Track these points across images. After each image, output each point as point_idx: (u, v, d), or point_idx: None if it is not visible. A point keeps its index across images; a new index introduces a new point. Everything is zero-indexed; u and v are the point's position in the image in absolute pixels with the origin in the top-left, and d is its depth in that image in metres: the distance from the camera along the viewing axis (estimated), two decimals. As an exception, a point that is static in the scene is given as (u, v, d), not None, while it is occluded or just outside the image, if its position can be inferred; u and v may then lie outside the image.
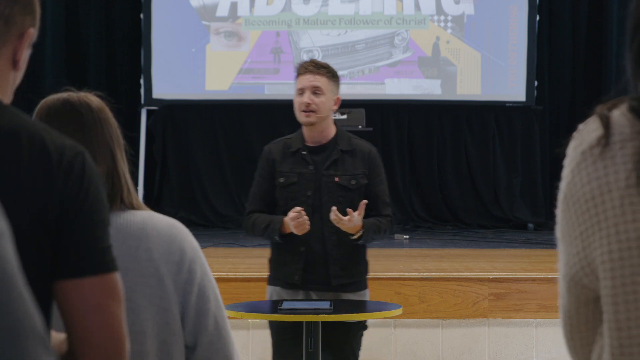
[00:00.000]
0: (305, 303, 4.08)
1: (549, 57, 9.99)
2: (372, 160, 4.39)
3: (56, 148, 1.56)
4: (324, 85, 4.39)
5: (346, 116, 8.94)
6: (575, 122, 5.65)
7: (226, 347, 2.23)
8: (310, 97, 4.38)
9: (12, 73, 1.64)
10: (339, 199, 4.30)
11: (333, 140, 4.41)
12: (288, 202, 4.31)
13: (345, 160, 4.36)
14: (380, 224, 4.30)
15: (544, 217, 9.70)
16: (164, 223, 2.18)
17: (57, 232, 1.55)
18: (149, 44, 9.68)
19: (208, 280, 2.22)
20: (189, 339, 2.20)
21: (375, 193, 4.35)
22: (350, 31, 9.74)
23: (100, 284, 1.58)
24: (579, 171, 1.38)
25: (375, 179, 4.37)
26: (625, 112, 1.37)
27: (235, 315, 4.09)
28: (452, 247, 8.04)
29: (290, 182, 4.35)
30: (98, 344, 1.57)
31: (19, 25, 1.62)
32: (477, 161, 9.89)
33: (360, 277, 4.41)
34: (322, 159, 4.37)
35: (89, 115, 2.13)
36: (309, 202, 4.32)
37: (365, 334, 4.50)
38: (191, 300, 2.18)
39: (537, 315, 5.97)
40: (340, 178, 4.33)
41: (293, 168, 4.36)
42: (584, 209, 1.36)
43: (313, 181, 4.34)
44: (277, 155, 4.40)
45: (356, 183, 4.33)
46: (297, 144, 4.41)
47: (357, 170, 4.36)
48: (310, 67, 4.43)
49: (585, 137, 1.40)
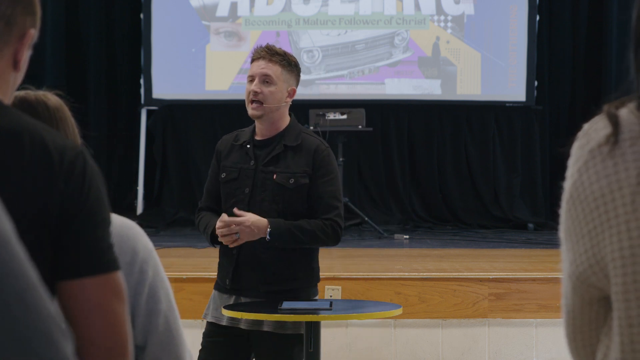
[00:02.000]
0: (305, 303, 4.08)
1: (549, 57, 10.00)
2: (318, 158, 3.95)
3: (57, 148, 1.56)
4: (275, 74, 4.00)
5: (346, 116, 8.95)
6: (576, 122, 5.69)
7: (177, 348, 2.25)
8: (259, 86, 3.97)
9: (12, 74, 1.65)
10: (276, 198, 3.93)
11: (280, 133, 4.00)
12: (228, 199, 3.98)
13: (288, 156, 3.96)
14: (308, 226, 3.88)
15: (544, 217, 9.70)
16: (117, 223, 2.18)
17: (59, 233, 1.56)
18: (149, 44, 9.69)
19: (160, 281, 2.24)
20: (139, 338, 2.22)
21: (318, 194, 3.92)
22: (350, 31, 9.75)
23: (102, 283, 1.58)
24: (587, 169, 1.38)
25: (321, 179, 3.93)
26: (634, 110, 1.37)
27: (235, 315, 4.09)
28: (452, 247, 8.04)
29: (230, 177, 4.00)
30: (101, 343, 1.58)
31: (20, 26, 1.63)
32: (477, 161, 9.90)
33: (301, 286, 4.02)
34: (263, 154, 3.98)
35: (45, 114, 2.12)
36: (246, 200, 3.95)
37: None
38: (141, 301, 2.20)
39: (537, 315, 5.97)
40: (278, 175, 3.93)
41: (236, 163, 4.00)
42: (593, 206, 1.36)
43: (252, 178, 3.96)
44: (225, 149, 4.06)
45: (294, 182, 3.92)
46: (246, 137, 4.04)
47: (298, 168, 3.94)
48: (263, 53, 4.08)
49: (593, 135, 1.40)
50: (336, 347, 5.87)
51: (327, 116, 8.88)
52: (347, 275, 6.02)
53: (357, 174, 9.91)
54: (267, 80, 4.00)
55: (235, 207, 3.90)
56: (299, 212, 3.93)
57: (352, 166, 9.75)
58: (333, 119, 8.89)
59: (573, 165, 1.41)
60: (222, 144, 4.10)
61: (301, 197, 3.93)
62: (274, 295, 3.96)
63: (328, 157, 3.99)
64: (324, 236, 3.91)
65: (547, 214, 9.75)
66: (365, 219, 8.99)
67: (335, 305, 4.14)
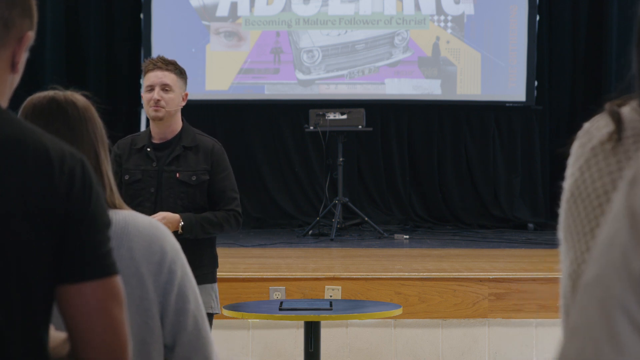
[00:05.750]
0: (305, 303, 4.08)
1: (549, 57, 10.00)
2: (215, 156, 4.44)
3: (57, 155, 1.57)
4: (172, 82, 4.44)
5: (346, 116, 8.95)
6: (576, 122, 5.68)
7: (205, 347, 2.25)
8: (159, 94, 4.42)
9: (10, 76, 1.65)
10: (180, 194, 4.37)
11: (177, 136, 4.48)
12: (133, 199, 4.35)
13: (188, 156, 4.43)
14: (213, 217, 4.35)
15: (544, 217, 9.70)
16: (146, 223, 2.20)
17: (60, 238, 1.57)
18: (149, 44, 9.69)
19: (188, 281, 2.24)
20: (168, 338, 2.21)
21: (219, 188, 4.41)
22: (350, 31, 9.75)
23: (102, 287, 1.59)
24: (589, 167, 1.37)
25: (219, 175, 4.42)
26: (636, 108, 1.37)
27: (235, 315, 4.09)
28: (452, 247, 8.04)
29: (135, 179, 4.41)
30: (101, 347, 1.59)
31: (18, 28, 1.63)
32: (477, 161, 9.90)
33: (206, 271, 4.40)
34: (165, 155, 4.43)
35: (75, 114, 2.13)
36: (152, 198, 4.38)
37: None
38: (171, 300, 2.20)
39: (537, 315, 5.97)
40: (181, 174, 4.39)
41: (138, 165, 4.43)
42: (595, 204, 1.36)
43: (156, 178, 4.40)
44: (124, 152, 4.46)
45: (197, 179, 4.39)
46: (144, 141, 4.47)
47: (198, 166, 4.41)
48: (159, 64, 4.45)
49: (595, 133, 1.39)
50: (336, 347, 5.87)
51: (327, 116, 8.88)
52: (347, 275, 6.02)
53: (357, 174, 9.92)
54: (166, 89, 4.44)
55: (142, 205, 4.31)
56: (200, 205, 4.37)
57: (352, 166, 9.75)
58: (333, 119, 8.89)
59: (574, 164, 1.40)
60: (121, 148, 4.48)
61: (202, 192, 4.38)
62: None
63: (223, 155, 4.47)
64: (228, 225, 4.39)
65: (547, 214, 9.76)
66: (365, 219, 8.99)
67: (335, 305, 4.14)
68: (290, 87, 9.79)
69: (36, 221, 1.55)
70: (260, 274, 6.04)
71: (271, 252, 7.55)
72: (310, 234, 8.77)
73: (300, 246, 8.07)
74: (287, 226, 9.53)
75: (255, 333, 5.90)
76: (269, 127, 9.94)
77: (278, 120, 9.96)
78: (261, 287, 5.89)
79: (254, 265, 6.63)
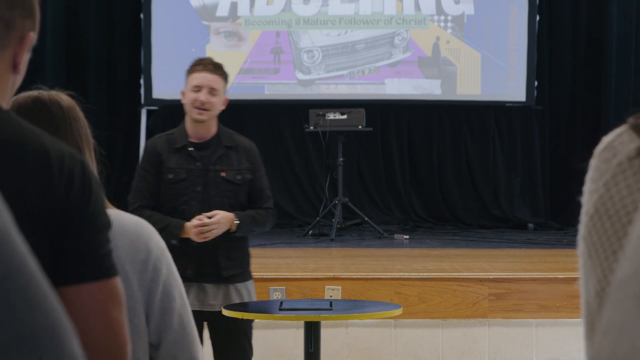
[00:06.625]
0: (305, 303, 4.08)
1: (549, 57, 10.00)
2: (253, 155, 4.54)
3: (57, 156, 1.57)
4: (219, 87, 4.57)
5: (346, 116, 8.95)
6: (576, 122, 5.69)
7: (191, 346, 2.26)
8: (206, 97, 4.53)
9: (12, 76, 1.64)
10: (227, 193, 4.44)
11: (216, 136, 4.55)
12: (178, 197, 4.41)
13: (230, 155, 4.50)
14: (258, 215, 4.45)
15: (544, 217, 9.70)
16: (131, 222, 2.21)
17: (59, 239, 1.57)
18: (149, 44, 9.69)
19: (174, 279, 2.25)
20: (153, 337, 2.22)
21: (259, 187, 4.50)
22: (350, 31, 9.75)
23: (102, 289, 1.59)
24: (616, 183, 1.35)
25: (258, 174, 4.52)
26: None
27: (235, 315, 4.09)
28: (452, 247, 8.04)
29: (179, 178, 4.44)
30: (100, 349, 1.59)
31: (19, 28, 1.62)
32: (477, 161, 9.90)
33: (247, 268, 4.54)
34: (208, 155, 4.48)
35: (59, 113, 2.12)
36: (199, 197, 4.43)
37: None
38: (156, 299, 2.21)
39: (537, 315, 5.97)
40: (226, 173, 4.46)
41: (181, 164, 4.46)
42: (625, 221, 1.33)
43: (201, 177, 4.44)
44: (163, 151, 4.49)
45: (242, 178, 4.47)
46: (182, 140, 4.51)
47: (241, 165, 4.49)
48: (209, 67, 4.56)
49: (620, 148, 1.37)
50: (336, 347, 5.87)
51: (327, 116, 8.88)
52: (347, 275, 6.03)
53: (357, 174, 9.92)
54: (213, 92, 4.58)
55: (187, 204, 4.39)
56: (243, 204, 4.46)
57: (352, 166, 9.75)
58: (333, 119, 8.89)
59: (597, 180, 1.38)
60: (159, 146, 4.53)
61: (245, 191, 4.47)
62: (232, 279, 4.44)
63: (259, 155, 4.60)
64: (269, 223, 4.53)
65: (547, 214, 9.76)
66: (365, 219, 8.99)
67: (335, 305, 4.14)
68: (290, 87, 9.79)
69: (36, 222, 1.54)
70: (260, 274, 6.04)
71: (271, 252, 7.54)
72: (310, 234, 8.78)
73: (300, 246, 8.07)
74: (287, 226, 9.52)
75: (255, 333, 5.89)
76: (269, 127, 9.94)
77: (278, 120, 9.96)
78: (261, 287, 5.89)
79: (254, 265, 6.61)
